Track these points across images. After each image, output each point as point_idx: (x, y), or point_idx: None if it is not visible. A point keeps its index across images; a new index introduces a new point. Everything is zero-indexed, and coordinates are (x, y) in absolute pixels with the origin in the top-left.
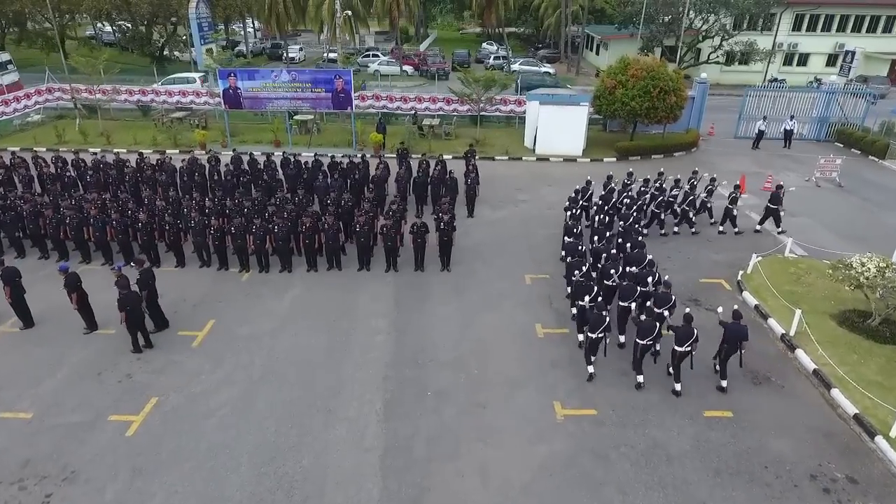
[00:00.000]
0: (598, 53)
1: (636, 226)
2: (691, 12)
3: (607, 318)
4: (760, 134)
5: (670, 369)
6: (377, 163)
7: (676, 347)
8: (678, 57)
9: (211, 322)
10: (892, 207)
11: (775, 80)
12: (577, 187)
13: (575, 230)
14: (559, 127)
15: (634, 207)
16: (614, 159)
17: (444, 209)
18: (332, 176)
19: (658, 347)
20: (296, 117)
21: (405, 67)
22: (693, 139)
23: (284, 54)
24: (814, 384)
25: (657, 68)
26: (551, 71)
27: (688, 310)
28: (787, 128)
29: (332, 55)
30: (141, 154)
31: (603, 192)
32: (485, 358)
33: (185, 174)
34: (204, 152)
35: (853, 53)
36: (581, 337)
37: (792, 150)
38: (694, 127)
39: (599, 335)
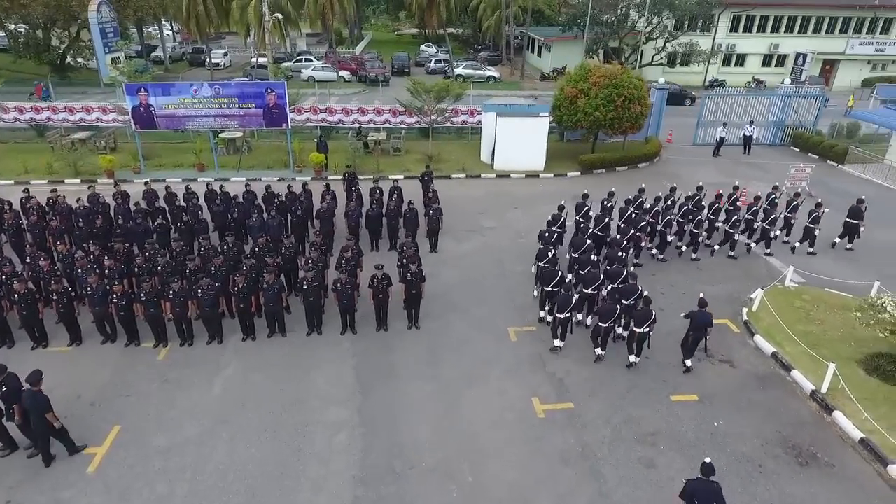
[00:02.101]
0: (540, 55)
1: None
2: (635, 13)
3: (574, 299)
4: (721, 141)
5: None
6: (322, 192)
7: (635, 329)
8: (640, 60)
9: (115, 430)
10: (868, 218)
11: (716, 80)
12: (543, 231)
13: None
14: (519, 140)
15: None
16: (578, 173)
17: (410, 255)
18: (269, 212)
19: (619, 330)
20: (222, 135)
21: (342, 73)
22: (656, 149)
23: (207, 60)
24: (865, 458)
25: (620, 75)
26: (496, 75)
27: (646, 293)
28: (747, 133)
29: (261, 60)
30: (27, 191)
31: (578, 217)
32: (479, 457)
33: (81, 217)
34: (112, 182)
35: (805, 56)
36: (542, 313)
37: (752, 156)
38: (653, 135)
39: (567, 315)
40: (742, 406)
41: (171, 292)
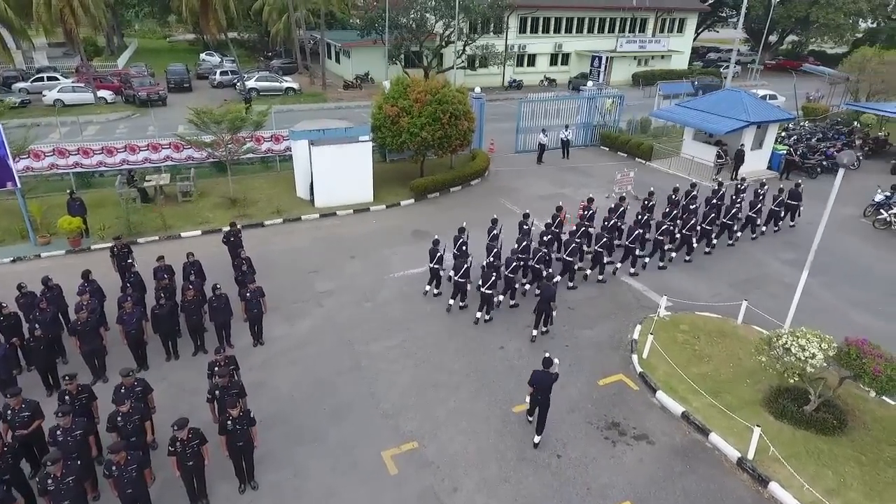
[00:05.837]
0: (339, 62)
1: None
2: (431, 17)
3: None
4: (542, 147)
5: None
6: (80, 284)
7: (459, 279)
8: (442, 65)
9: None
10: None
11: (514, 80)
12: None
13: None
14: (340, 171)
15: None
16: (412, 200)
17: (226, 385)
18: None
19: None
20: None
21: (101, 93)
22: (485, 163)
23: None
24: None
25: (441, 89)
26: (295, 86)
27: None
28: (563, 138)
29: None
30: None
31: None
32: None
33: None
34: None
35: (600, 58)
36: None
37: (571, 160)
38: (477, 147)
39: (461, 280)
40: (679, 502)
41: None
